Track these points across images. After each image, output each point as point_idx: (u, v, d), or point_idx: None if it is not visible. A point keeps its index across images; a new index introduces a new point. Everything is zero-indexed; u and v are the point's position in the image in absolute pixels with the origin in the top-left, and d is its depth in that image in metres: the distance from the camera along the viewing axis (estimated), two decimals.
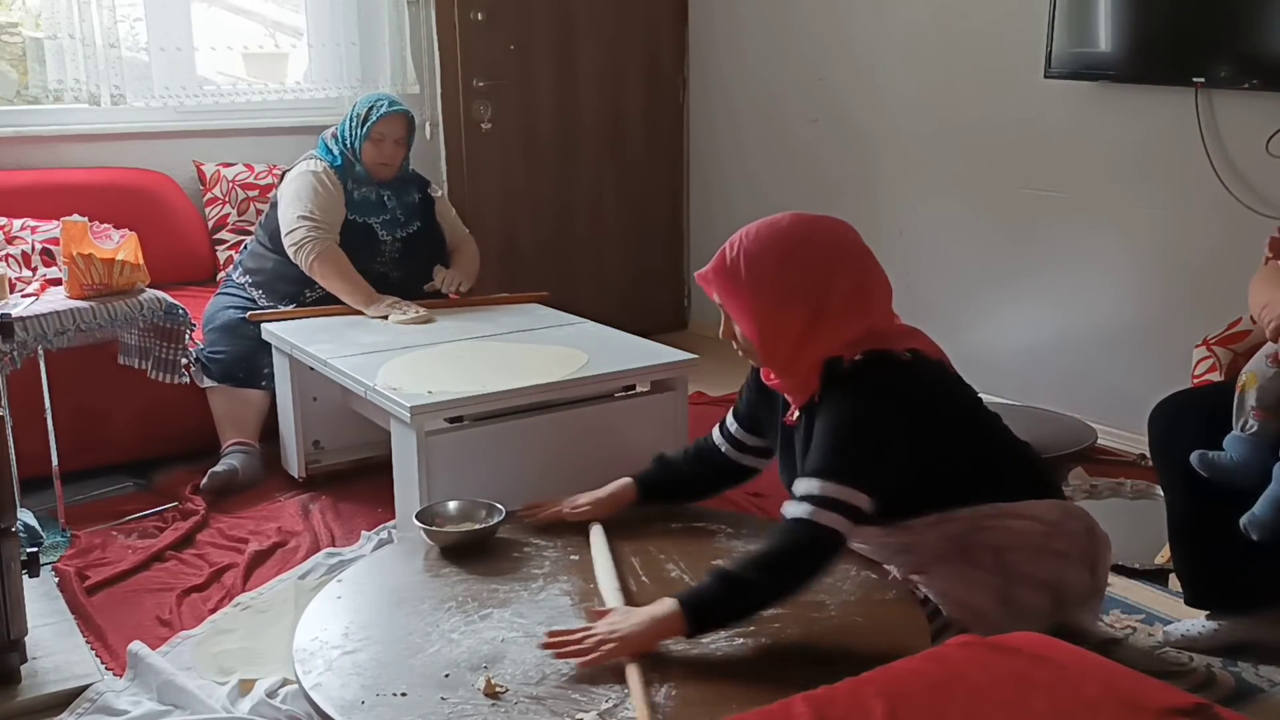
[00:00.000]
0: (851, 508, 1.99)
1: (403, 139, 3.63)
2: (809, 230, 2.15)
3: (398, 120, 3.60)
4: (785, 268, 2.10)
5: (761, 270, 2.10)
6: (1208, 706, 1.43)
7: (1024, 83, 3.83)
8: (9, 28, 4.11)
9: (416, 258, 3.69)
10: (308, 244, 3.48)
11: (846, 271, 2.13)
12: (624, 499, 2.46)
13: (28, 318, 2.88)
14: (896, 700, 1.45)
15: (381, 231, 3.62)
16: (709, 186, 5.23)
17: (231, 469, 3.35)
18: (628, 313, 4.63)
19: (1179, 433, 2.43)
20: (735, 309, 2.15)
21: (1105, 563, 2.31)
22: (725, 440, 2.48)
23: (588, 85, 5.02)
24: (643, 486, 2.47)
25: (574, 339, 3.31)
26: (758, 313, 2.11)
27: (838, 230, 2.18)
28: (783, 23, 4.71)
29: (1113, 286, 3.75)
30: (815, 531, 1.98)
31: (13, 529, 2.31)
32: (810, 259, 2.11)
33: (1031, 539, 2.18)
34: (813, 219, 2.17)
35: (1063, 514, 2.24)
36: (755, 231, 2.14)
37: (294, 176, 3.61)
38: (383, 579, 2.30)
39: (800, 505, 2.01)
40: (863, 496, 2.00)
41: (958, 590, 2.14)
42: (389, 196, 3.66)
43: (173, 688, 2.32)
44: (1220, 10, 3.33)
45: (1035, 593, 2.16)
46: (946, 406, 2.18)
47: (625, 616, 1.96)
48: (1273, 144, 3.24)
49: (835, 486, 1.99)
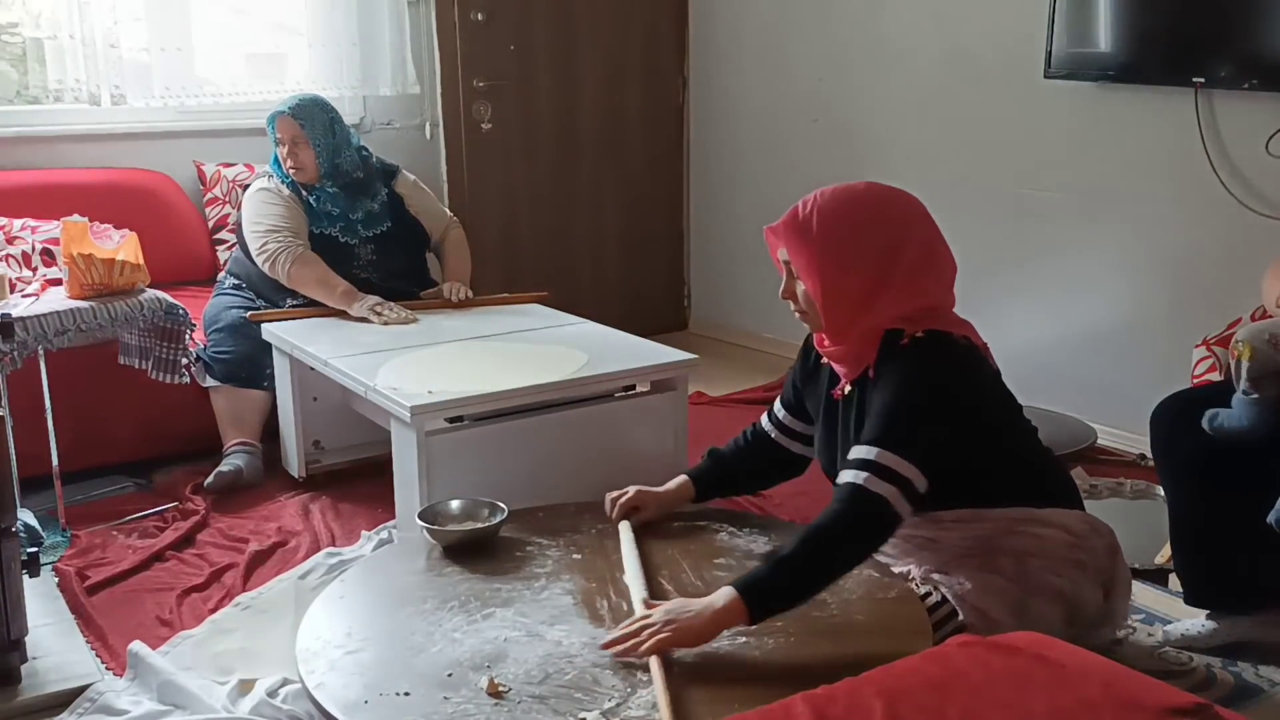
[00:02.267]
0: (905, 480, 1.98)
1: (301, 138, 3.54)
2: (885, 197, 2.18)
3: (284, 122, 3.54)
4: (858, 228, 2.12)
5: (833, 228, 2.12)
6: (1208, 706, 1.43)
7: (1024, 83, 3.83)
8: (9, 28, 4.11)
9: (393, 257, 3.66)
10: (280, 254, 3.47)
11: (916, 243, 2.15)
12: (683, 496, 2.46)
13: (28, 318, 2.88)
14: (896, 700, 1.45)
15: (345, 238, 3.60)
16: (709, 187, 5.23)
17: (236, 469, 3.35)
18: (628, 313, 4.63)
19: (1180, 432, 2.43)
20: (802, 265, 2.15)
21: (1122, 589, 2.29)
22: (774, 426, 2.48)
23: (588, 85, 5.02)
24: (699, 483, 2.47)
25: (574, 339, 3.31)
26: (824, 270, 2.12)
27: (912, 203, 2.21)
28: (783, 23, 4.72)
29: (1113, 286, 3.75)
30: (866, 498, 1.97)
31: (13, 529, 2.31)
32: (883, 224, 2.14)
33: (1057, 548, 2.17)
34: (888, 189, 2.21)
35: (1089, 529, 2.24)
36: (831, 193, 2.16)
37: (248, 197, 3.61)
38: (385, 578, 2.30)
39: (854, 472, 2.00)
40: (917, 472, 1.99)
41: (975, 596, 2.12)
42: (345, 200, 3.60)
43: (173, 688, 2.32)
44: (1220, 10, 3.33)
45: (1051, 605, 2.16)
46: (995, 401, 2.19)
47: (682, 606, 1.94)
48: (1273, 144, 3.24)
49: (892, 456, 1.99)
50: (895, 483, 1.98)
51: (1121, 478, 3.32)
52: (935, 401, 2.06)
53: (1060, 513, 2.22)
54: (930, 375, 2.07)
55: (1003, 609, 2.11)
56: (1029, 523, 2.19)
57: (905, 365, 2.08)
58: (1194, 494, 2.41)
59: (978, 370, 2.15)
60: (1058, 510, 2.22)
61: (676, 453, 3.07)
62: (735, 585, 1.93)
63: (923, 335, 2.10)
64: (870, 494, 1.97)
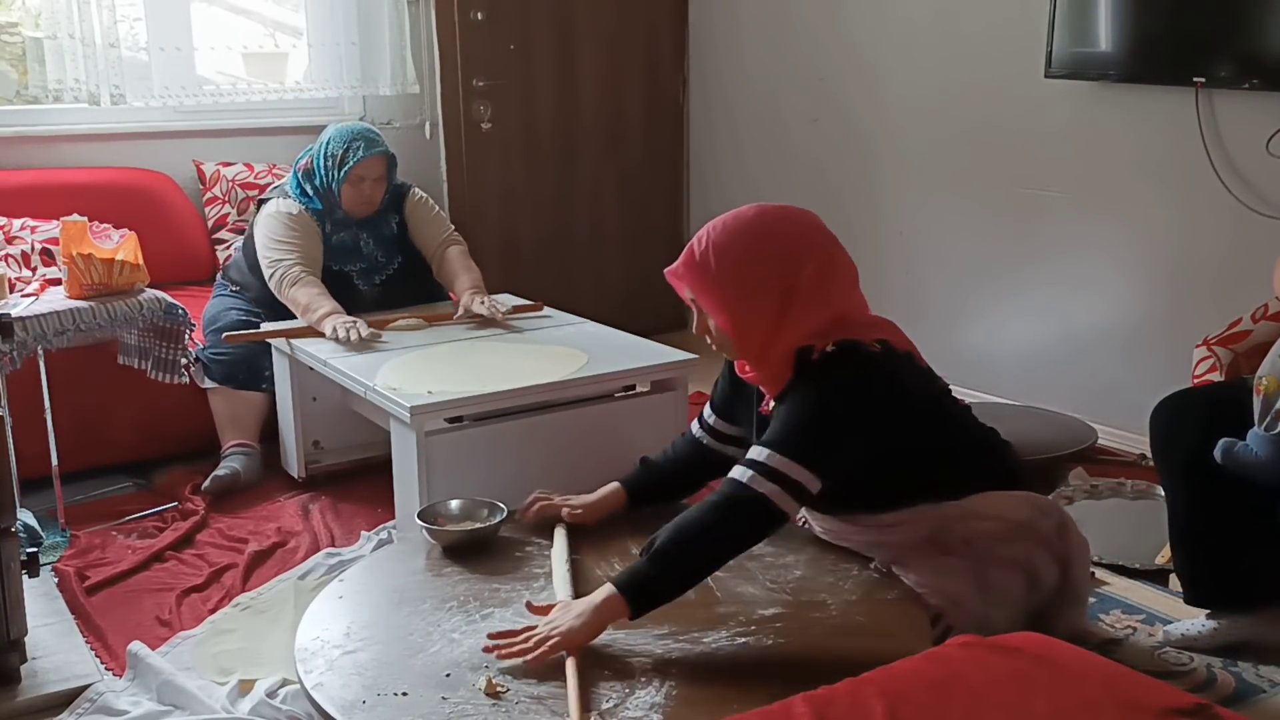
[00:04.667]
0: (795, 483, 2.02)
1: (383, 177, 3.51)
2: (774, 219, 2.19)
3: (377, 162, 3.47)
4: (754, 258, 2.14)
5: (731, 261, 2.14)
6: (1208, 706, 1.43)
7: (1024, 83, 3.82)
8: (9, 28, 4.11)
9: (397, 296, 3.60)
10: (282, 278, 3.39)
11: (813, 258, 2.17)
12: (614, 504, 2.46)
13: (28, 318, 2.88)
14: (896, 700, 1.45)
15: (358, 280, 3.56)
16: (709, 187, 5.23)
17: (234, 471, 3.34)
18: (628, 313, 4.62)
19: (1181, 431, 2.43)
20: (708, 302, 2.18)
21: (1080, 565, 2.31)
22: (705, 432, 2.50)
23: (588, 85, 5.02)
24: (631, 491, 2.48)
25: (574, 339, 3.31)
26: (731, 303, 2.14)
27: (803, 219, 2.22)
28: (783, 22, 4.71)
29: (1113, 286, 3.75)
30: (745, 497, 2.01)
31: (13, 529, 2.31)
32: (778, 247, 2.15)
33: (1001, 533, 2.21)
34: (777, 209, 2.22)
35: (1033, 511, 2.26)
36: (722, 225, 2.18)
37: (266, 217, 3.50)
38: (384, 578, 2.30)
39: (741, 469, 2.04)
40: (810, 476, 2.03)
41: (933, 579, 2.17)
42: (365, 239, 3.56)
43: (173, 688, 2.32)
44: (1220, 10, 3.33)
45: (1009, 573, 2.19)
46: (913, 398, 2.21)
47: (565, 611, 1.98)
48: (1273, 144, 3.23)
49: (784, 460, 2.02)
50: (779, 483, 2.01)
51: (1122, 478, 3.31)
52: (840, 413, 2.09)
53: (998, 502, 2.24)
54: (836, 389, 2.10)
55: (963, 584, 2.16)
56: (965, 519, 2.21)
57: (813, 381, 2.11)
58: (1194, 494, 2.40)
59: (889, 375, 2.16)
60: (995, 497, 2.24)
61: None
62: (614, 581, 1.97)
63: (832, 349, 2.13)
64: (751, 492, 2.01)
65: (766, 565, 2.24)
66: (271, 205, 3.53)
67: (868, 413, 2.11)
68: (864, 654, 1.83)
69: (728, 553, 2.04)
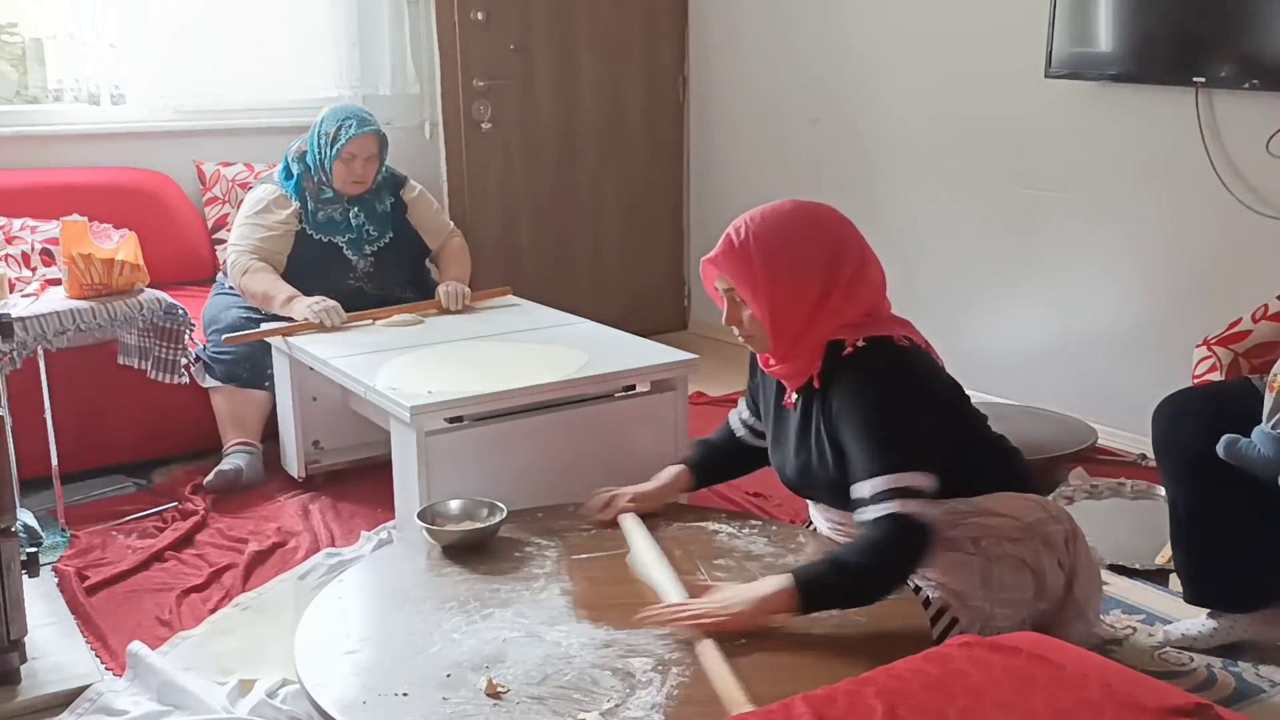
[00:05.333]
0: (917, 490, 2.03)
1: (374, 156, 3.54)
2: (812, 212, 2.22)
3: (369, 140, 3.51)
4: (797, 246, 2.15)
5: (773, 249, 2.15)
6: (1208, 706, 1.43)
7: (1024, 83, 3.83)
8: (9, 28, 4.11)
9: (390, 269, 3.65)
10: (235, 267, 3.48)
11: (850, 252, 2.19)
12: (681, 486, 2.49)
13: (28, 318, 2.88)
14: (896, 700, 1.45)
15: (348, 250, 3.58)
16: (709, 187, 5.23)
17: (236, 469, 3.35)
18: (628, 313, 4.63)
19: (1181, 430, 2.42)
20: (747, 289, 2.17)
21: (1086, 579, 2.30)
22: (742, 426, 2.53)
23: (588, 85, 5.02)
24: (696, 470, 2.49)
25: (574, 339, 3.30)
26: (771, 290, 2.15)
27: (837, 215, 2.25)
28: (783, 23, 4.71)
29: (1113, 286, 3.75)
30: (902, 521, 2.01)
31: (13, 529, 2.31)
32: (819, 239, 2.17)
33: (1008, 532, 2.22)
34: (812, 204, 2.24)
35: (1045, 515, 2.27)
36: (760, 215, 2.19)
37: (246, 202, 3.60)
38: (384, 578, 2.30)
39: (875, 507, 2.04)
40: (921, 476, 2.04)
41: (939, 573, 2.17)
42: (355, 213, 3.58)
43: (172, 688, 2.32)
44: (1220, 10, 3.33)
45: (1017, 572, 2.20)
46: (942, 396, 2.23)
47: (734, 592, 1.99)
48: (1273, 144, 3.24)
49: (895, 476, 2.03)
50: (911, 495, 2.03)
51: (1122, 478, 3.32)
52: (899, 407, 2.10)
53: (1010, 502, 2.25)
54: (882, 385, 2.11)
55: (969, 580, 2.16)
56: (978, 514, 2.23)
57: (854, 380, 2.12)
58: (1194, 493, 2.40)
59: (925, 368, 2.20)
60: (1008, 496, 2.26)
61: (676, 453, 3.04)
62: (794, 574, 1.98)
63: (864, 344, 2.14)
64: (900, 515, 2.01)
65: (767, 565, 2.23)
66: (255, 190, 3.62)
67: (918, 391, 2.12)
68: (863, 654, 1.83)
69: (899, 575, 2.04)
